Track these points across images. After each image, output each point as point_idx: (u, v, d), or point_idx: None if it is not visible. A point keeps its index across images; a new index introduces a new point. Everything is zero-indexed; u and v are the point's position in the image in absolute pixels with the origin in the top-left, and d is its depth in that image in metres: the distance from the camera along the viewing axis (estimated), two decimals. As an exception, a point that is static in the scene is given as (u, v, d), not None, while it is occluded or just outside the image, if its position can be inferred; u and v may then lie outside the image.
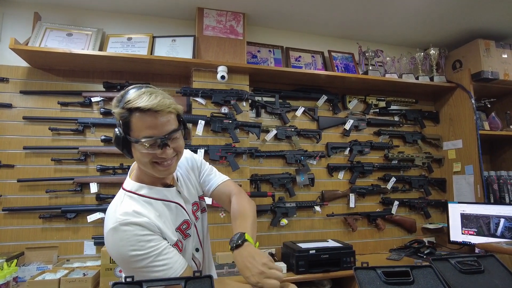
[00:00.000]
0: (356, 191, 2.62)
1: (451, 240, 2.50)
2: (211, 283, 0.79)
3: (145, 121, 0.91)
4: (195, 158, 1.26)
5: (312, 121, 2.65)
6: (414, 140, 2.86)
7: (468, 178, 2.66)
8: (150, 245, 0.92)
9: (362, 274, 0.90)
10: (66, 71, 2.24)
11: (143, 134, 0.92)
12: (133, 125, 0.93)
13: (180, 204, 1.09)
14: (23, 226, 2.06)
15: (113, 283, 0.76)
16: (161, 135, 0.93)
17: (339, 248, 2.11)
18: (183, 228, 1.08)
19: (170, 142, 0.96)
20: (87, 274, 1.79)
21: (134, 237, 0.91)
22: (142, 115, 0.91)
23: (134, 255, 0.90)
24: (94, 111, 2.26)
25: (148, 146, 0.93)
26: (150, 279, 0.77)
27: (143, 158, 0.95)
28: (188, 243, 1.10)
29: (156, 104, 0.90)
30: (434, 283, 0.88)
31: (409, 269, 0.91)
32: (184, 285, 0.78)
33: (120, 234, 0.91)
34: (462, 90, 2.73)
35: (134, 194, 1.02)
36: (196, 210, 1.17)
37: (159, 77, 2.38)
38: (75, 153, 2.16)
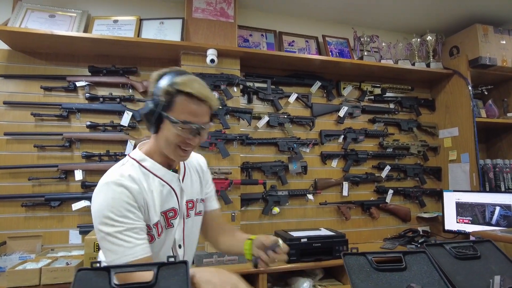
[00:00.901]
0: (349, 180, 2.57)
1: (446, 229, 2.46)
2: (186, 269, 0.73)
3: (189, 107, 0.95)
4: (206, 169, 1.29)
5: (305, 108, 2.58)
6: (409, 128, 2.80)
7: (464, 167, 2.62)
8: (128, 215, 0.94)
9: (352, 260, 0.85)
10: (49, 55, 2.15)
11: (183, 117, 0.95)
12: (176, 105, 0.95)
13: (174, 190, 1.09)
14: (5, 214, 1.99)
15: (78, 269, 0.69)
16: (199, 123, 0.97)
17: (332, 237, 2.07)
18: (169, 216, 1.07)
19: (202, 132, 1.00)
20: (70, 263, 1.73)
21: (119, 200, 0.94)
22: (188, 100, 0.94)
23: (108, 217, 0.92)
24: (79, 96, 2.17)
25: (183, 130, 0.96)
26: (119, 265, 0.70)
27: (173, 138, 0.98)
28: (169, 233, 1.08)
29: (204, 95, 0.95)
30: (428, 269, 0.83)
31: (401, 255, 0.86)
32: (156, 271, 0.72)
33: (109, 191, 0.94)
34: (459, 77, 2.67)
35: (136, 163, 1.05)
36: (190, 208, 1.15)
37: (147, 61, 2.29)
38: (59, 140, 2.08)
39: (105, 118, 2.16)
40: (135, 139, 2.16)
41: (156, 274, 0.72)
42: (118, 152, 2.13)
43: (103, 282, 0.69)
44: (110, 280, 0.69)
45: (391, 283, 0.79)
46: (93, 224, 1.96)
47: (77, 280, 0.68)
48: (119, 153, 2.12)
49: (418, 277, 0.81)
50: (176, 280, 0.72)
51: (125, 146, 2.13)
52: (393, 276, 0.81)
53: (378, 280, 0.80)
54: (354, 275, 0.81)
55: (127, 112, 2.15)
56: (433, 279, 0.80)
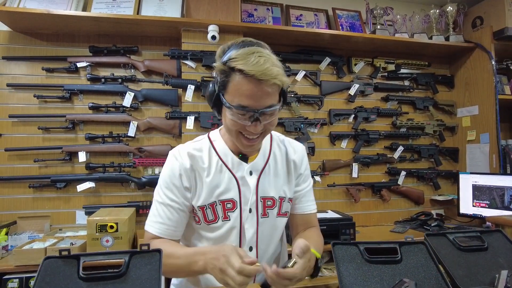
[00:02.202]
0: (360, 161, 2.47)
1: (461, 213, 2.35)
2: (160, 258, 0.69)
3: (243, 88, 0.81)
4: (301, 161, 1.09)
5: (314, 86, 2.46)
6: (425, 107, 2.64)
7: (483, 147, 2.46)
8: (172, 189, 0.95)
9: (342, 250, 0.79)
10: (49, 35, 2.12)
11: (237, 101, 0.83)
12: (230, 86, 0.84)
13: (237, 179, 0.97)
14: (14, 195, 2.03)
15: (45, 257, 0.66)
16: (256, 108, 0.82)
17: (338, 220, 2.01)
18: (226, 207, 0.97)
19: (263, 118, 0.85)
20: (75, 243, 1.75)
21: (169, 171, 0.96)
22: (243, 79, 0.81)
23: (159, 184, 0.98)
24: (81, 77, 2.15)
25: (238, 116, 0.84)
26: (89, 253, 0.67)
27: (230, 125, 0.88)
28: (229, 229, 0.96)
29: (261, 72, 0.78)
30: (426, 262, 0.76)
31: (397, 246, 0.79)
32: (128, 259, 0.69)
33: (168, 162, 0.98)
34: (481, 51, 2.47)
35: (209, 142, 1.01)
36: (269, 207, 1.00)
37: (147, 39, 2.22)
38: (62, 121, 2.07)
39: (107, 99, 2.14)
40: (138, 120, 2.13)
41: (127, 263, 0.69)
42: (121, 133, 2.11)
43: (71, 271, 0.66)
44: (79, 269, 0.66)
45: (382, 276, 0.73)
46: (97, 206, 1.99)
47: (43, 269, 0.65)
48: (122, 135, 2.10)
49: (413, 271, 0.74)
50: (148, 270, 0.69)
51: (128, 127, 2.11)
52: (386, 269, 0.74)
53: (368, 273, 0.74)
54: (342, 267, 0.75)
55: (129, 93, 2.12)
56: (429, 274, 0.73)
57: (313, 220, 1.11)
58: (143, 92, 2.15)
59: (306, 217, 1.09)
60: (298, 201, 1.09)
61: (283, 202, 1.02)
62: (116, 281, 0.66)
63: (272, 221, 1.01)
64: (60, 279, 0.64)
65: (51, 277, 0.64)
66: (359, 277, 0.73)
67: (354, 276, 0.73)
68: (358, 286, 0.71)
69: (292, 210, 1.09)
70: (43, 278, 0.64)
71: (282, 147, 1.07)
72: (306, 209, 1.09)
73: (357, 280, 0.72)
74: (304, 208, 1.09)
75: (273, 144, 1.06)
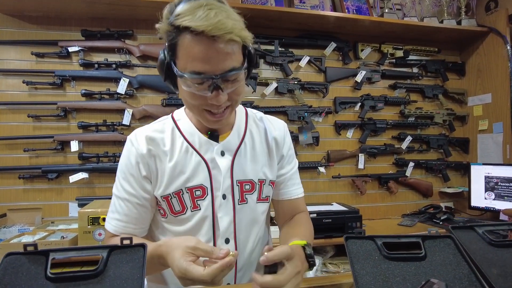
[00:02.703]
0: (366, 151, 2.36)
1: (472, 206, 2.24)
2: (144, 254, 0.59)
3: (194, 50, 0.67)
4: (284, 140, 0.96)
5: (318, 73, 2.34)
6: (434, 95, 2.52)
7: (496, 137, 2.34)
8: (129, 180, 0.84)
9: (356, 245, 0.68)
10: (39, 18, 2.00)
11: (189, 67, 0.69)
12: (179, 51, 0.70)
13: (206, 162, 0.84)
14: (4, 186, 1.94)
15: (7, 253, 0.56)
16: (213, 73, 0.69)
17: (344, 212, 1.90)
18: (195, 194, 0.84)
19: (226, 85, 0.71)
20: (66, 237, 1.66)
21: (126, 159, 0.85)
22: (193, 39, 0.66)
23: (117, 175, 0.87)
24: (73, 62, 2.03)
25: (194, 86, 0.70)
26: (59, 248, 0.57)
27: (189, 99, 0.74)
28: (201, 219, 0.84)
29: (212, 26, 0.64)
30: (454, 259, 0.65)
31: (420, 240, 0.68)
32: (107, 255, 0.58)
33: (125, 148, 0.87)
34: (495, 35, 2.34)
35: (172, 122, 0.89)
36: (248, 191, 0.87)
37: (143, 23, 2.11)
38: (54, 109, 1.97)
39: (101, 86, 2.03)
40: (133, 108, 2.02)
41: (105, 260, 0.58)
42: (116, 121, 2.00)
43: (37, 269, 0.56)
44: (47, 267, 0.56)
45: (405, 276, 0.62)
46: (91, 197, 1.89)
47: (3, 267, 0.55)
48: (117, 123, 2.00)
49: (440, 269, 0.63)
50: (130, 267, 0.58)
51: (123, 115, 2.00)
52: (408, 267, 0.64)
53: (388, 272, 0.63)
54: (357, 264, 0.65)
55: (123, 79, 2.01)
56: (460, 273, 0.62)
57: (300, 205, 0.99)
58: (138, 78, 2.04)
59: (293, 203, 0.97)
60: (283, 186, 0.96)
61: (264, 186, 0.90)
62: (91, 281, 0.56)
63: (251, 207, 0.88)
64: (22, 280, 0.54)
65: (11, 277, 0.54)
66: (377, 277, 0.62)
67: (372, 275, 0.62)
68: (377, 287, 0.60)
69: (277, 196, 0.97)
70: (1, 278, 0.53)
71: (260, 124, 0.94)
72: (292, 193, 0.97)
73: (376, 280, 0.61)
74: (290, 193, 0.96)
75: (249, 121, 0.93)
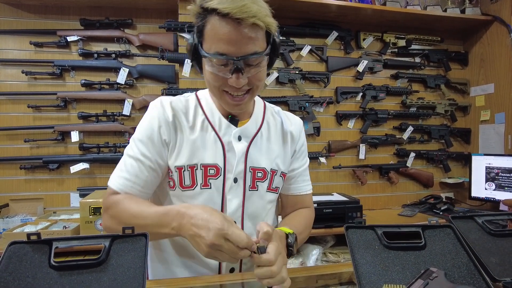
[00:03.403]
0: (367, 141, 2.36)
1: (472, 196, 2.25)
2: (146, 243, 0.59)
3: (220, 32, 0.69)
4: (299, 137, 0.97)
5: (320, 62, 2.32)
6: (436, 85, 2.50)
7: (498, 128, 2.33)
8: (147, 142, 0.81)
9: (356, 234, 0.68)
10: (37, 7, 1.98)
11: (214, 48, 0.71)
12: (206, 32, 0.72)
13: (223, 143, 0.84)
14: (6, 177, 1.94)
15: (10, 242, 0.56)
16: (236, 55, 0.70)
17: (344, 202, 1.91)
18: (209, 173, 0.83)
19: (247, 69, 0.73)
20: (68, 227, 1.68)
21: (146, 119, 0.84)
22: (219, 21, 0.69)
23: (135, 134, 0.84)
24: (72, 52, 2.02)
25: (218, 66, 0.73)
26: (62, 238, 0.57)
27: (211, 80, 0.76)
28: (209, 197, 0.83)
29: (237, 9, 0.66)
30: (454, 248, 0.65)
31: (420, 229, 0.68)
32: (108, 245, 0.59)
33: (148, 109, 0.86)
34: (499, 24, 2.31)
35: (195, 99, 0.89)
36: (259, 179, 0.88)
37: (142, 12, 2.08)
38: (53, 99, 1.96)
39: (101, 76, 2.02)
40: (133, 98, 2.01)
41: (107, 249, 0.59)
42: (116, 112, 2.00)
43: (40, 258, 0.56)
44: (50, 255, 0.56)
45: (404, 264, 0.63)
46: (92, 188, 1.89)
47: (7, 256, 0.55)
48: (117, 113, 1.99)
49: (439, 258, 0.63)
50: (132, 257, 0.59)
51: (123, 106, 2.00)
52: (408, 256, 0.64)
53: (388, 261, 0.63)
54: (358, 253, 0.65)
55: (123, 69, 1.99)
56: (459, 262, 0.62)
57: (307, 201, 0.99)
58: (138, 68, 2.02)
59: (300, 198, 0.98)
60: (293, 181, 0.97)
61: (275, 176, 0.90)
62: (94, 269, 0.57)
63: (261, 195, 0.88)
64: (26, 268, 0.55)
65: (16, 266, 0.54)
66: (377, 265, 0.63)
67: (372, 264, 0.63)
68: (376, 275, 0.61)
69: (286, 191, 0.98)
70: (6, 267, 0.54)
71: (277, 117, 0.95)
72: (302, 189, 0.98)
73: (376, 269, 0.62)
74: (300, 189, 0.97)
75: (267, 113, 0.94)
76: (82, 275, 0.56)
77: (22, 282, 0.53)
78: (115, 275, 0.56)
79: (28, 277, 0.54)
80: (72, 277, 0.55)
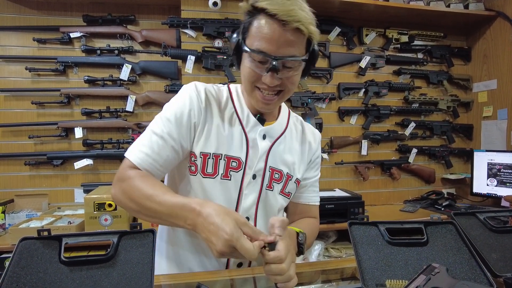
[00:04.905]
0: (369, 137, 2.36)
1: (474, 192, 2.25)
2: (153, 239, 0.61)
3: (264, 30, 0.73)
4: (317, 148, 1.00)
5: (322, 58, 2.32)
6: (439, 81, 2.50)
7: (500, 124, 2.33)
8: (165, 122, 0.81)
9: (360, 230, 0.70)
10: (40, 3, 1.98)
11: (256, 44, 0.75)
12: (251, 29, 0.76)
13: (248, 139, 0.86)
14: (11, 173, 1.96)
15: (21, 238, 0.58)
16: (275, 54, 0.74)
17: (346, 198, 1.92)
18: (231, 165, 0.85)
19: (282, 70, 0.76)
20: (73, 222, 1.70)
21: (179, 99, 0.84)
22: (266, 20, 0.73)
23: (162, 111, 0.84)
24: (75, 48, 2.03)
25: (256, 62, 0.76)
26: (72, 234, 0.58)
27: (247, 74, 0.79)
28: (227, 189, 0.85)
29: (284, 12, 0.70)
30: (456, 244, 0.66)
31: (422, 226, 0.70)
32: (117, 241, 0.60)
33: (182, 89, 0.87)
34: (503, 20, 2.30)
35: (227, 92, 0.91)
36: (276, 180, 0.90)
37: (145, 8, 2.08)
38: (57, 96, 1.97)
39: (104, 72, 2.02)
40: (136, 94, 2.02)
41: (116, 245, 0.60)
42: (119, 108, 2.01)
43: (51, 253, 0.58)
44: (60, 251, 0.58)
45: (407, 260, 0.64)
46: (95, 183, 1.91)
47: (19, 251, 0.57)
48: (120, 109, 2.00)
49: (441, 254, 0.65)
50: (140, 252, 0.60)
51: (126, 102, 2.00)
52: (410, 252, 0.65)
53: (391, 257, 0.65)
54: (361, 249, 0.66)
55: (126, 65, 2.00)
56: (461, 258, 0.64)
57: (314, 212, 1.02)
58: (141, 64, 2.03)
59: (309, 208, 1.00)
60: (304, 190, 0.99)
61: (290, 181, 0.92)
62: (103, 265, 0.58)
63: (275, 197, 0.91)
64: (38, 263, 0.56)
65: (27, 261, 0.56)
66: (380, 261, 0.64)
67: (375, 260, 0.64)
68: (379, 271, 0.62)
69: (296, 199, 0.99)
70: (18, 262, 0.55)
71: (299, 126, 0.99)
72: (311, 199, 1.00)
73: (379, 265, 0.63)
74: (309, 199, 1.00)
75: (291, 119, 0.97)
76: (92, 270, 0.57)
77: (33, 277, 0.54)
78: (123, 270, 0.58)
79: (40, 272, 0.55)
80: (82, 272, 0.57)
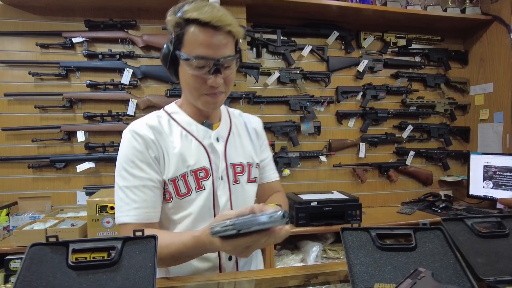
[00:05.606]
0: (367, 140, 2.40)
1: (470, 194, 2.29)
2: (155, 244, 0.64)
3: (200, 38, 0.80)
4: (262, 132, 1.12)
5: (320, 62, 2.35)
6: (436, 84, 2.53)
7: (497, 127, 2.37)
8: (141, 167, 0.86)
9: (351, 236, 0.73)
10: (42, 9, 2.01)
11: (195, 51, 0.81)
12: (186, 39, 0.82)
13: (205, 147, 0.93)
14: (14, 176, 2.00)
15: (31, 244, 0.61)
16: (215, 57, 0.81)
17: (344, 200, 1.95)
18: (199, 176, 0.90)
19: (223, 70, 0.84)
20: (75, 224, 1.73)
21: (131, 149, 0.86)
22: (199, 29, 0.80)
23: (124, 168, 0.86)
24: (77, 53, 2.06)
25: (198, 68, 0.82)
26: (78, 240, 0.62)
27: (191, 81, 0.85)
28: (204, 199, 0.90)
29: (217, 19, 0.79)
30: (442, 249, 0.70)
31: (411, 231, 0.73)
32: (121, 246, 0.63)
33: (124, 141, 0.88)
34: (499, 24, 2.33)
35: (166, 115, 0.95)
36: (239, 173, 0.97)
37: (146, 13, 2.12)
38: (60, 100, 2.01)
39: (106, 77, 2.06)
40: (137, 98, 2.05)
41: (120, 251, 0.63)
42: (121, 112, 2.04)
43: (59, 258, 0.61)
44: (68, 256, 0.61)
45: (396, 265, 0.67)
46: (98, 186, 1.95)
47: (29, 257, 0.60)
48: (122, 113, 2.04)
49: (429, 259, 0.68)
50: (143, 257, 0.63)
51: (127, 106, 2.04)
52: (399, 256, 0.69)
53: (381, 261, 0.68)
54: (352, 254, 0.70)
55: (127, 70, 2.03)
56: (447, 262, 0.67)
57: (277, 186, 1.14)
58: (142, 68, 2.06)
59: (271, 185, 1.12)
60: (263, 170, 1.10)
61: (252, 168, 1.01)
62: (108, 269, 0.62)
63: (243, 188, 0.99)
64: (47, 268, 0.59)
65: (38, 266, 0.59)
66: (370, 266, 0.67)
67: (365, 264, 0.68)
68: (369, 275, 0.66)
69: (259, 181, 1.08)
70: (28, 267, 0.59)
71: (240, 118, 1.08)
72: (271, 177, 1.12)
73: (369, 269, 0.67)
74: (269, 177, 1.12)
75: (231, 116, 1.06)
76: (98, 274, 0.61)
77: (43, 281, 0.58)
78: (127, 275, 0.61)
79: (49, 276, 0.59)
80: (88, 276, 0.60)
